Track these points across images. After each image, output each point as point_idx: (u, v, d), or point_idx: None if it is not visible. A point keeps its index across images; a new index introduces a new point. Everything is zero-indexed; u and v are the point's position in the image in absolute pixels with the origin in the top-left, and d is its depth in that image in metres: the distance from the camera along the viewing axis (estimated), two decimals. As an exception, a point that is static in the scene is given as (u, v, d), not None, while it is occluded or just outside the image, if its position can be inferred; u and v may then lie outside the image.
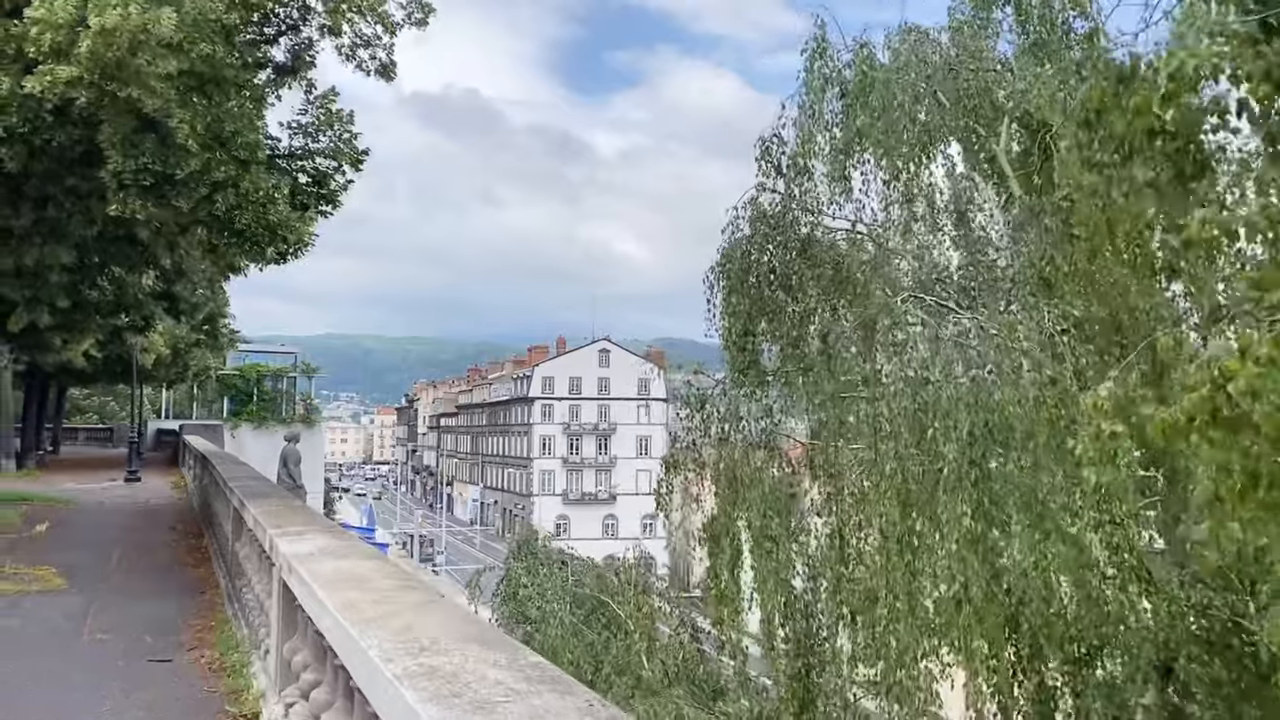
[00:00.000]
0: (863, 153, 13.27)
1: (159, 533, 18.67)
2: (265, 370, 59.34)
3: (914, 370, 9.98)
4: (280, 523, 7.79)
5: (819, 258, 13.01)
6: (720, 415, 13.04)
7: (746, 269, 13.45)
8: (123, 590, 12.70)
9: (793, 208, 13.45)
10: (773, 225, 13.46)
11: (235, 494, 11.19)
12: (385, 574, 5.29)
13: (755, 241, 13.54)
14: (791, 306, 12.89)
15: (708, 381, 14.24)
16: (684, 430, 14.86)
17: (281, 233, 13.21)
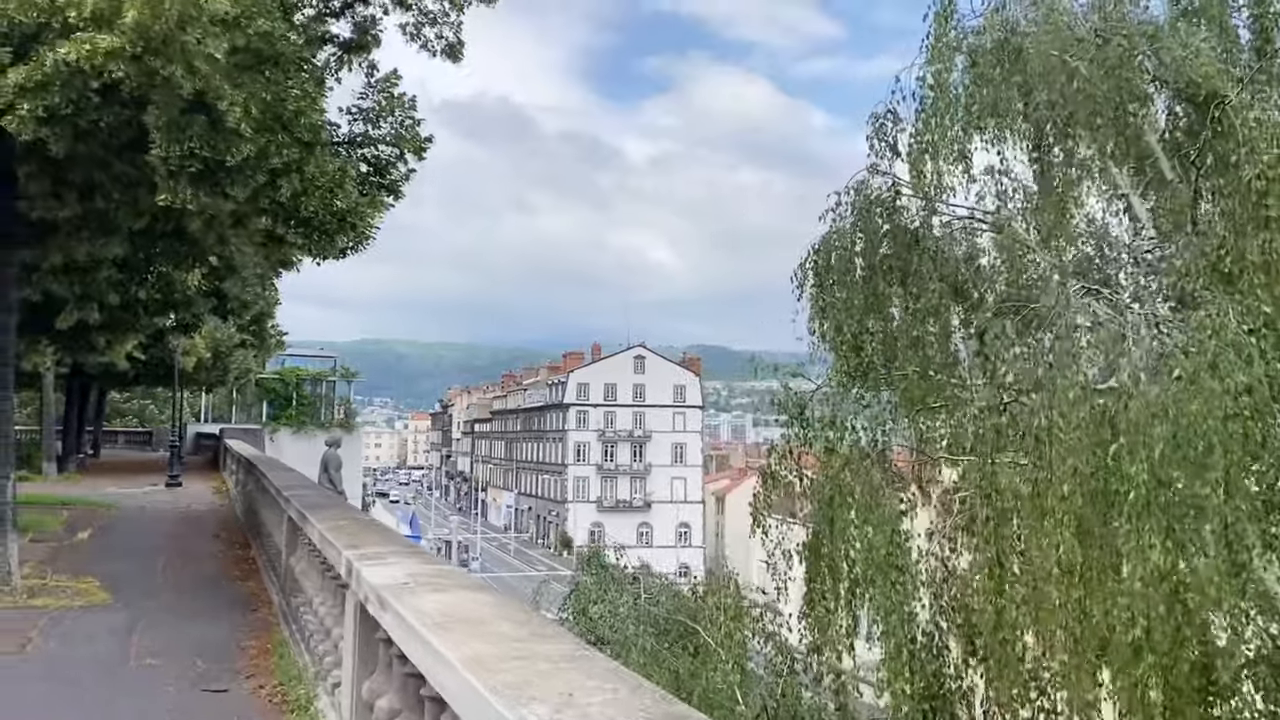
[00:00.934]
0: (1000, 130, 12.11)
1: (203, 541, 17.93)
2: (304, 374, 59.00)
3: (1091, 373, 8.93)
4: (355, 542, 6.90)
5: (941, 248, 11.95)
6: (824, 422, 11.97)
7: (850, 261, 12.41)
8: (170, 606, 11.90)
9: (908, 192, 12.39)
10: (883, 212, 12.40)
11: (293, 505, 10.33)
12: (506, 614, 4.35)
13: (861, 230, 12.48)
14: (910, 302, 11.83)
15: (807, 385, 13.18)
16: (781, 439, 13.76)
17: (351, 220, 12.35)
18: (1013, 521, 8.96)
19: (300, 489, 11.93)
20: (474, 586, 5.18)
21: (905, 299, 12.04)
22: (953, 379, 11.49)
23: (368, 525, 8.40)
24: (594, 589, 21.93)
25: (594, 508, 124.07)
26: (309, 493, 11.58)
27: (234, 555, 16.10)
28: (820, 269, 12.79)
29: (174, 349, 32.64)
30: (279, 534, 13.07)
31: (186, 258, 17.93)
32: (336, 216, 12.11)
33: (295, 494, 11.15)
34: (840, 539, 11.48)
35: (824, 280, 12.71)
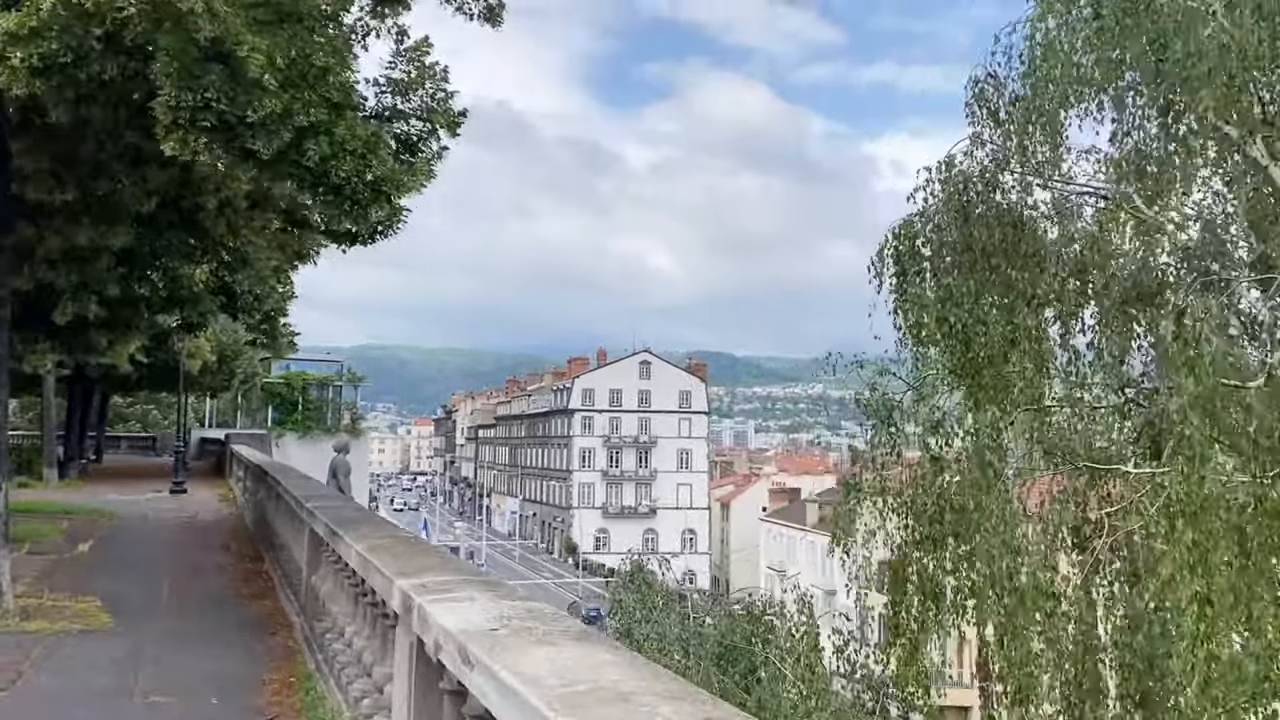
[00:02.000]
0: (1119, 95, 10.88)
1: (211, 553, 16.77)
2: (310, 379, 57.94)
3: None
4: (407, 567, 5.74)
5: (1049, 229, 10.79)
6: (927, 426, 10.78)
7: (946, 245, 11.23)
8: (178, 631, 10.73)
9: (1012, 165, 11.21)
10: (983, 189, 11.23)
11: (319, 519, 9.18)
12: (658, 686, 3.19)
13: (958, 210, 11.30)
14: (1028, 289, 10.60)
15: (895, 385, 11.99)
16: (867, 445, 12.52)
17: (386, 190, 11.12)
18: (1223, 547, 7.70)
19: (323, 500, 10.78)
20: (587, 637, 4.02)
21: (1022, 285, 10.77)
22: (1071, 375, 10.27)
23: (414, 545, 7.24)
24: (637, 608, 20.58)
25: (599, 514, 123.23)
26: (334, 504, 10.43)
27: (245, 569, 14.93)
28: (903, 255, 11.59)
29: (179, 351, 31.53)
30: (298, 548, 11.92)
31: (195, 250, 16.75)
32: (370, 185, 10.84)
33: (320, 506, 9.98)
34: (948, 560, 10.25)
35: (907, 268, 11.50)
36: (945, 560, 10.33)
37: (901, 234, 11.67)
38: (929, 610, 10.56)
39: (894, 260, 11.70)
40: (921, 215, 11.54)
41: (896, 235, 11.69)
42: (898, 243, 11.71)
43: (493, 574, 7.27)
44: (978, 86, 11.78)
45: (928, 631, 10.56)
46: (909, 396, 11.42)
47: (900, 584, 11.13)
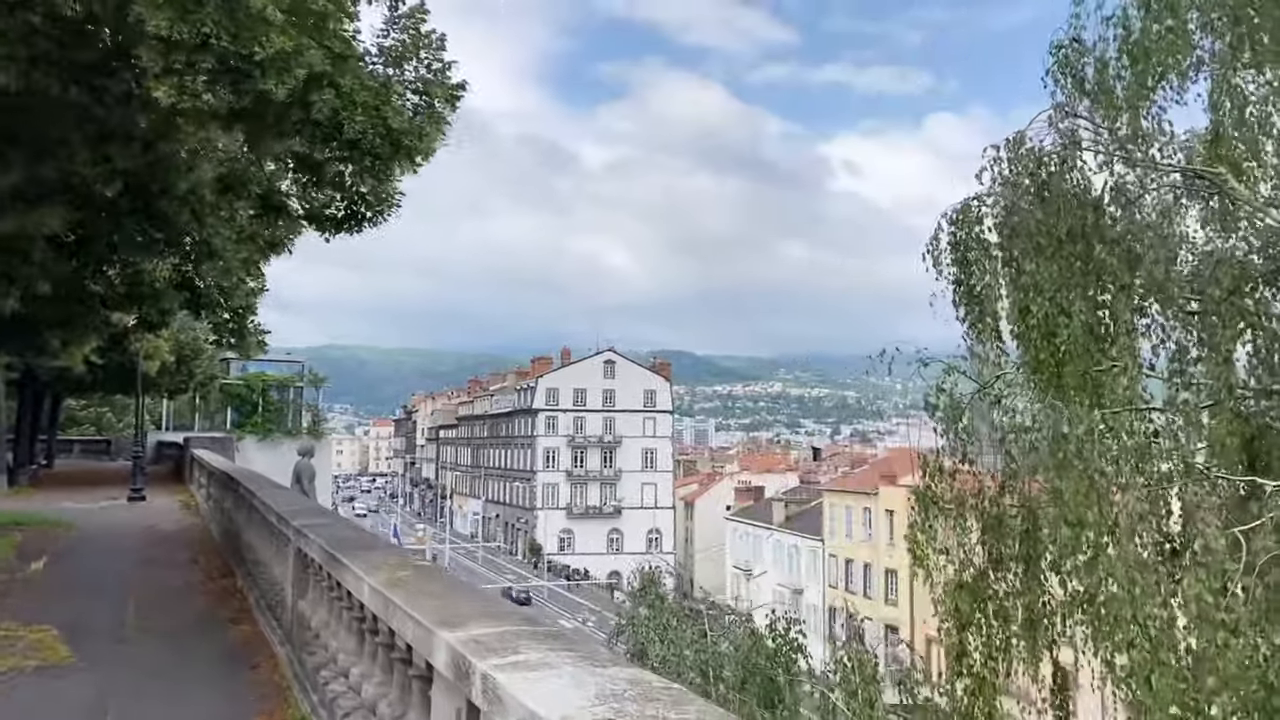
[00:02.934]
0: (1236, 56, 9.78)
1: (179, 569, 15.56)
2: (271, 380, 56.40)
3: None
4: (447, 613, 4.73)
5: (1139, 212, 9.87)
6: (1008, 429, 9.72)
7: (1013, 230, 10.25)
8: (149, 664, 9.58)
9: (1099, 140, 10.26)
10: (1058, 167, 10.26)
11: (312, 541, 8.11)
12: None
13: (1029, 191, 10.32)
14: (1122, 276, 9.62)
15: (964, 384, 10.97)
16: (945, 449, 11.43)
17: (409, 142, 9.95)
18: None
19: (310, 516, 9.69)
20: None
21: (1116, 271, 9.78)
22: (1174, 374, 9.33)
23: (437, 576, 6.21)
24: (651, 626, 19.44)
25: (563, 514, 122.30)
26: (322, 520, 9.34)
27: (217, 588, 13.76)
28: (963, 242, 10.60)
29: (136, 352, 30.07)
30: (278, 567, 10.83)
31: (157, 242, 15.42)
32: (390, 138, 9.70)
33: (309, 524, 8.90)
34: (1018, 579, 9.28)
35: (969, 256, 10.51)
36: (1035, 581, 9.35)
37: (960, 219, 10.73)
38: (1013, 638, 9.56)
39: (952, 248, 10.75)
40: (984, 198, 10.61)
41: (955, 220, 10.74)
42: (956, 228, 10.75)
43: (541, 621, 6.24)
44: (1060, 52, 10.75)
45: (1008, 662, 9.59)
46: (976, 395, 10.42)
47: (971, 605, 10.08)
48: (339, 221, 11.14)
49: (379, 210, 10.88)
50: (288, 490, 13.98)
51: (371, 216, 10.98)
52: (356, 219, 10.98)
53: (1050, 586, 9.42)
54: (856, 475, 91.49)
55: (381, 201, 10.68)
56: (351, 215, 10.95)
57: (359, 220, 10.99)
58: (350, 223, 11.05)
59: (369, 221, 11.11)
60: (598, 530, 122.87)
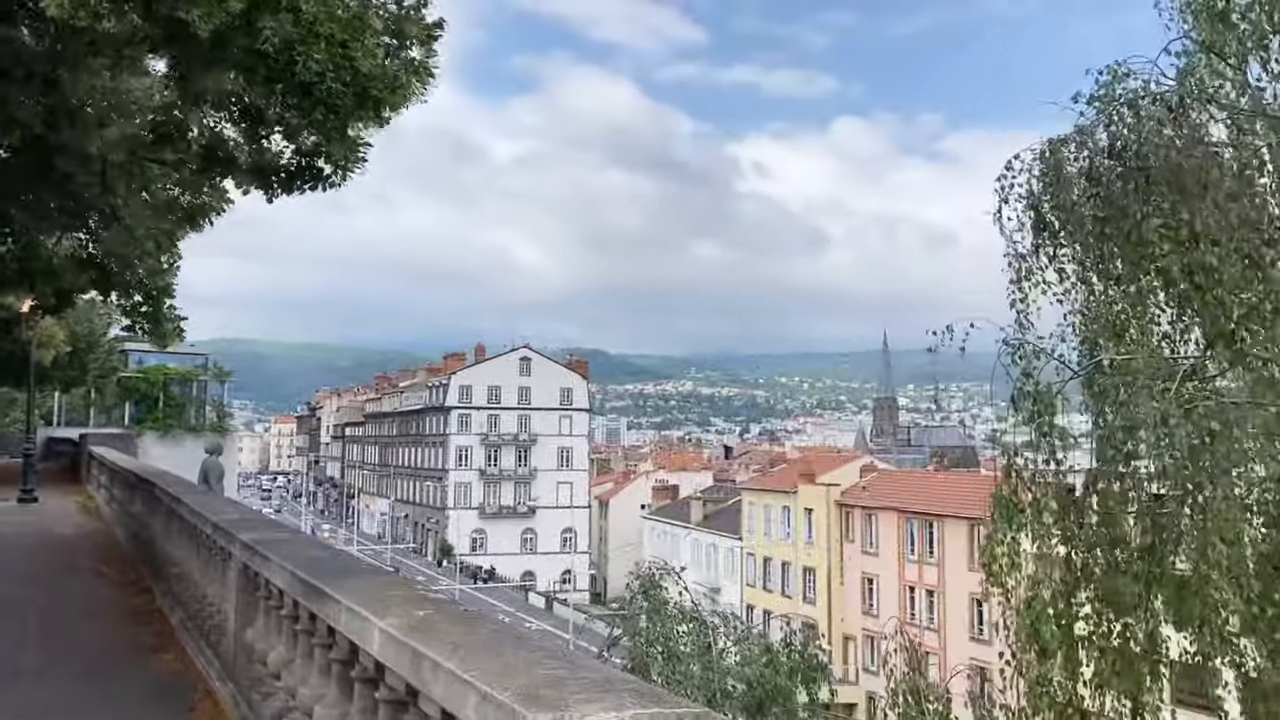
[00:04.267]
0: None
1: (85, 582, 13.68)
2: (172, 374, 53.43)
3: None
4: (531, 686, 3.36)
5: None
6: (1115, 428, 8.38)
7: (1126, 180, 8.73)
8: (59, 707, 7.91)
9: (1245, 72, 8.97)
10: (1164, 112, 8.91)
11: (274, 564, 6.58)
12: None
13: (1146, 133, 8.90)
14: None
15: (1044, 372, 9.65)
16: (1037, 452, 10.02)
17: (377, 92, 8.25)
18: None
19: (261, 529, 8.12)
20: None
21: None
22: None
23: (462, 615, 4.79)
24: (653, 640, 17.67)
25: (476, 514, 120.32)
26: (279, 535, 7.79)
27: (132, 606, 11.98)
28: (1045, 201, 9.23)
29: (28, 340, 27.54)
30: (216, 587, 9.21)
31: (54, 213, 13.39)
32: (355, 85, 7.93)
33: (261, 539, 7.37)
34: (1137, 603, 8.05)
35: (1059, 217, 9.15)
36: (1149, 612, 8.16)
37: (1049, 156, 9.27)
38: (1116, 674, 8.34)
39: (1035, 210, 9.50)
40: (1070, 140, 9.32)
41: (1042, 173, 9.33)
42: (1035, 180, 9.36)
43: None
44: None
45: (1102, 700, 8.42)
46: (1059, 386, 9.19)
47: (1061, 633, 8.76)
48: (291, 176, 9.35)
49: (341, 165, 9.14)
50: (215, 493, 12.29)
51: (332, 173, 9.26)
52: (312, 174, 9.23)
53: (1166, 614, 8.27)
54: (775, 474, 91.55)
55: (345, 154, 8.95)
56: (306, 170, 9.20)
57: (315, 177, 9.25)
58: (304, 178, 9.28)
59: (328, 180, 9.38)
60: (511, 530, 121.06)
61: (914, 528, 67.57)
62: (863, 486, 73.59)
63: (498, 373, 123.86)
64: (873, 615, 70.57)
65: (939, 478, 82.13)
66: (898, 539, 68.32)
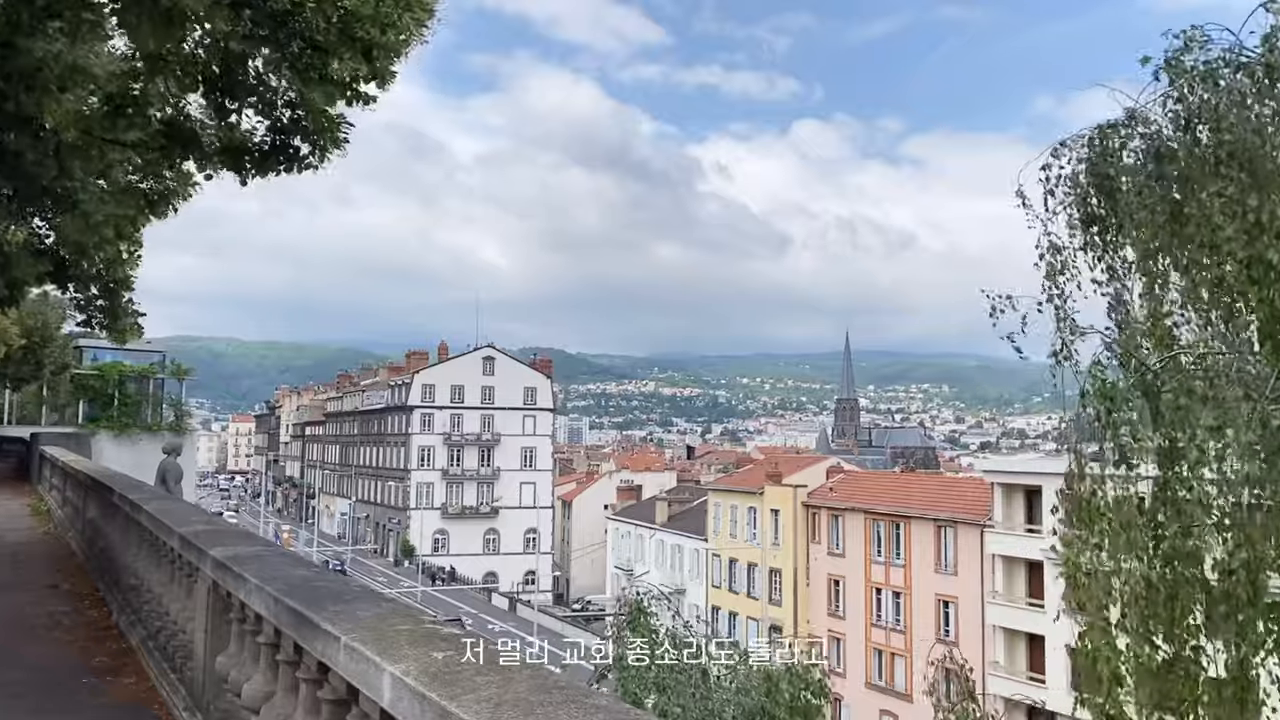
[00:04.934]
0: None
1: (36, 595, 12.75)
2: (128, 371, 51.87)
3: None
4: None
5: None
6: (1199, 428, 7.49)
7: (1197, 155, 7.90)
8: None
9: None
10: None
11: (252, 585, 5.81)
12: None
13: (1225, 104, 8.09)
14: None
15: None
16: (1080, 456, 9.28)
17: (363, 32, 7.12)
18: None
19: (233, 542, 7.35)
20: None
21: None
22: None
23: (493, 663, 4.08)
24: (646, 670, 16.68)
25: (438, 515, 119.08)
26: (253, 549, 7.02)
27: (89, 623, 11.12)
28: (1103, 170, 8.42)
29: (-24, 335, 26.37)
30: (181, 604, 8.42)
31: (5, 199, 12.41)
32: (339, 24, 6.97)
33: (234, 555, 6.61)
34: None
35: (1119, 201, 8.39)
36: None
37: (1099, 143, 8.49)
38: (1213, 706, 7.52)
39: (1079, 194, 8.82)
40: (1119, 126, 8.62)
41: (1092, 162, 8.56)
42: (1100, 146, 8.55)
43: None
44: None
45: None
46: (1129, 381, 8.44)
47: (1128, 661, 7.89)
48: (264, 156, 8.44)
49: (319, 143, 8.26)
50: (179, 500, 11.46)
51: (309, 153, 8.35)
52: (287, 154, 8.30)
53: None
54: (742, 474, 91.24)
55: (322, 130, 8.07)
56: (281, 150, 8.29)
57: (291, 156, 8.33)
58: (278, 158, 8.35)
59: (304, 162, 8.46)
60: (474, 530, 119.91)
61: (881, 529, 67.38)
62: (830, 488, 73.33)
63: (461, 372, 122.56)
64: (839, 617, 70.42)
65: (905, 479, 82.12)
66: (864, 540, 68.14)
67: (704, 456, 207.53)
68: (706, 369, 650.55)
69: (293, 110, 7.76)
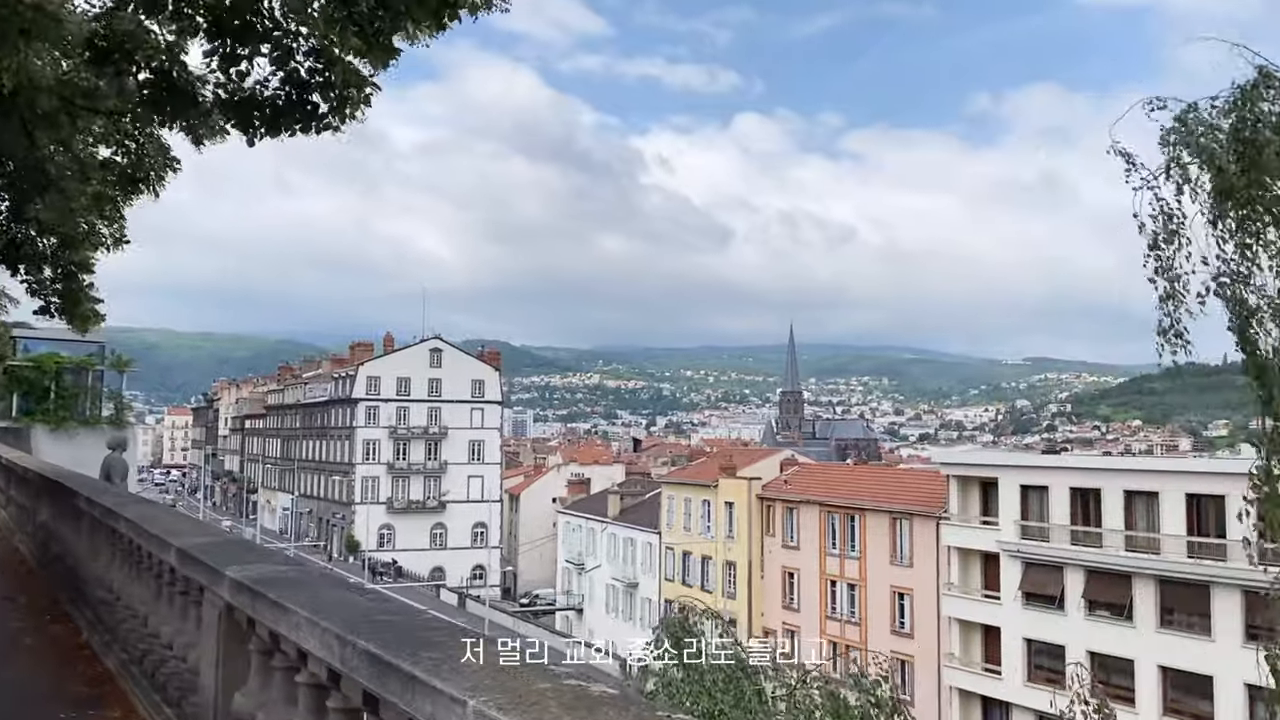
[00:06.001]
0: None
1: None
2: (65, 362, 49.68)
3: None
4: None
5: None
6: None
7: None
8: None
9: None
10: None
11: (305, 621, 4.82)
12: None
13: None
14: None
15: None
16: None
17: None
18: None
19: (243, 556, 6.34)
20: None
21: None
22: None
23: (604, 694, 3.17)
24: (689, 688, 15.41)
25: (384, 509, 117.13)
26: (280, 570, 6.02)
27: (53, 640, 9.94)
28: None
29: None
30: (176, 628, 7.37)
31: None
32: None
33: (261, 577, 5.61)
34: None
35: None
36: None
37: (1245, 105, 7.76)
38: None
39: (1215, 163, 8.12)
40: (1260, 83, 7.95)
41: (1235, 127, 7.82)
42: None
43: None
44: None
45: None
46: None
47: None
48: (277, 113, 7.26)
49: (344, 99, 7.13)
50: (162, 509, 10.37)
51: (328, 112, 7.21)
52: (303, 111, 7.17)
53: None
54: (695, 467, 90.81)
55: (347, 85, 6.96)
56: (298, 104, 7.14)
57: (308, 114, 7.20)
58: (294, 116, 7.20)
59: (323, 121, 7.32)
60: (421, 525, 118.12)
61: (836, 521, 67.29)
62: (784, 480, 73.11)
63: (407, 364, 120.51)
64: (793, 609, 70.27)
65: (860, 471, 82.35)
66: (820, 533, 68.02)
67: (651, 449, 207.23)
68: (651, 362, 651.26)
69: (314, 60, 6.71)
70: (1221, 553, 46.33)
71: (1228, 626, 46.00)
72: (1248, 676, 44.51)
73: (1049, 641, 53.77)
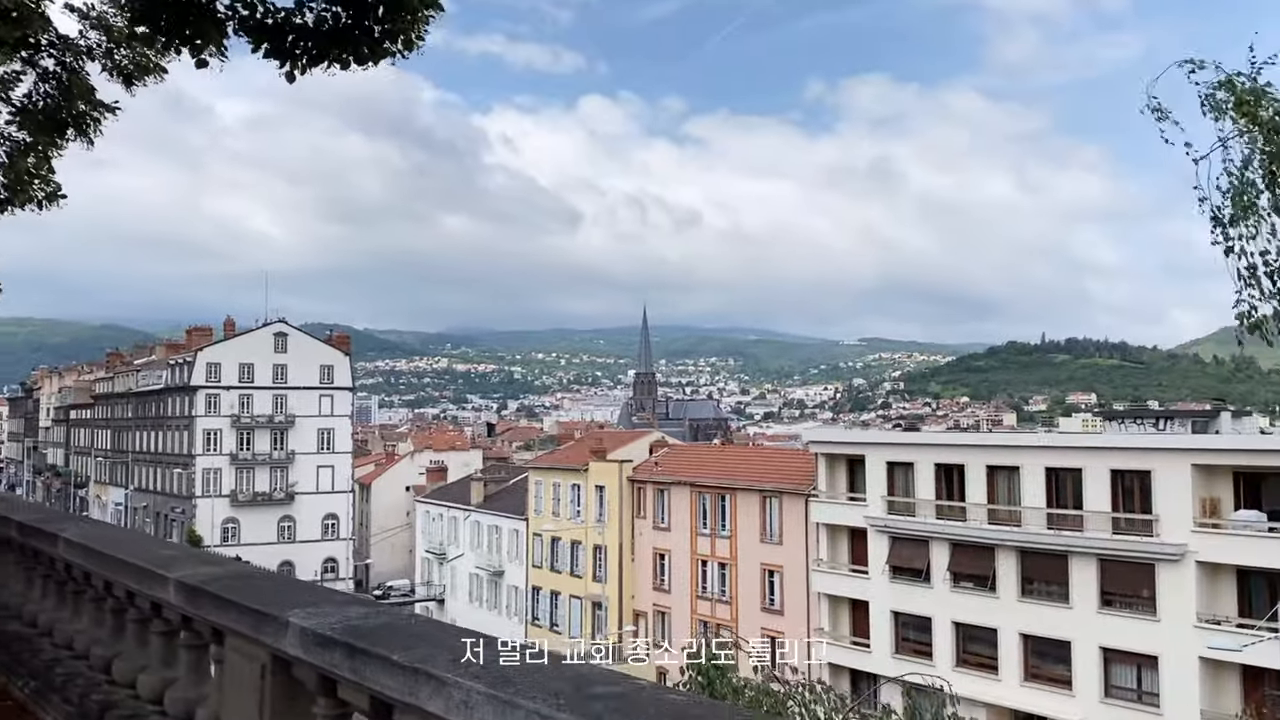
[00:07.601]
0: None
1: None
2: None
3: None
4: None
5: None
6: None
7: None
8: None
9: None
10: None
11: (443, 683, 3.61)
12: None
13: None
14: None
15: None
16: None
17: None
18: None
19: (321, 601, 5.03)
20: None
21: None
22: None
23: None
24: None
25: (228, 502, 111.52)
26: (349, 610, 4.74)
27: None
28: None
29: None
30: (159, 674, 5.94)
31: None
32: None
33: (335, 622, 4.35)
34: None
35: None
36: None
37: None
38: None
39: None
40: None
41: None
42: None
43: None
44: None
45: None
46: None
47: None
48: (325, 40, 5.71)
49: (395, 24, 5.62)
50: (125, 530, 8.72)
51: (380, 37, 5.71)
52: (355, 41, 5.65)
53: None
54: (563, 451, 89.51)
55: (405, 8, 5.50)
56: (348, 32, 5.59)
57: (363, 43, 5.69)
58: (344, 45, 5.68)
59: (381, 49, 5.81)
60: (268, 518, 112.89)
61: (707, 501, 67.44)
62: (655, 462, 72.86)
63: (250, 349, 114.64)
64: (664, 590, 70.19)
65: (730, 451, 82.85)
66: (691, 513, 68.06)
67: (505, 434, 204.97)
68: (501, 345, 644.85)
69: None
70: (1079, 524, 48.26)
71: (1085, 595, 48.03)
72: (1103, 640, 47.05)
73: (916, 614, 55.14)
